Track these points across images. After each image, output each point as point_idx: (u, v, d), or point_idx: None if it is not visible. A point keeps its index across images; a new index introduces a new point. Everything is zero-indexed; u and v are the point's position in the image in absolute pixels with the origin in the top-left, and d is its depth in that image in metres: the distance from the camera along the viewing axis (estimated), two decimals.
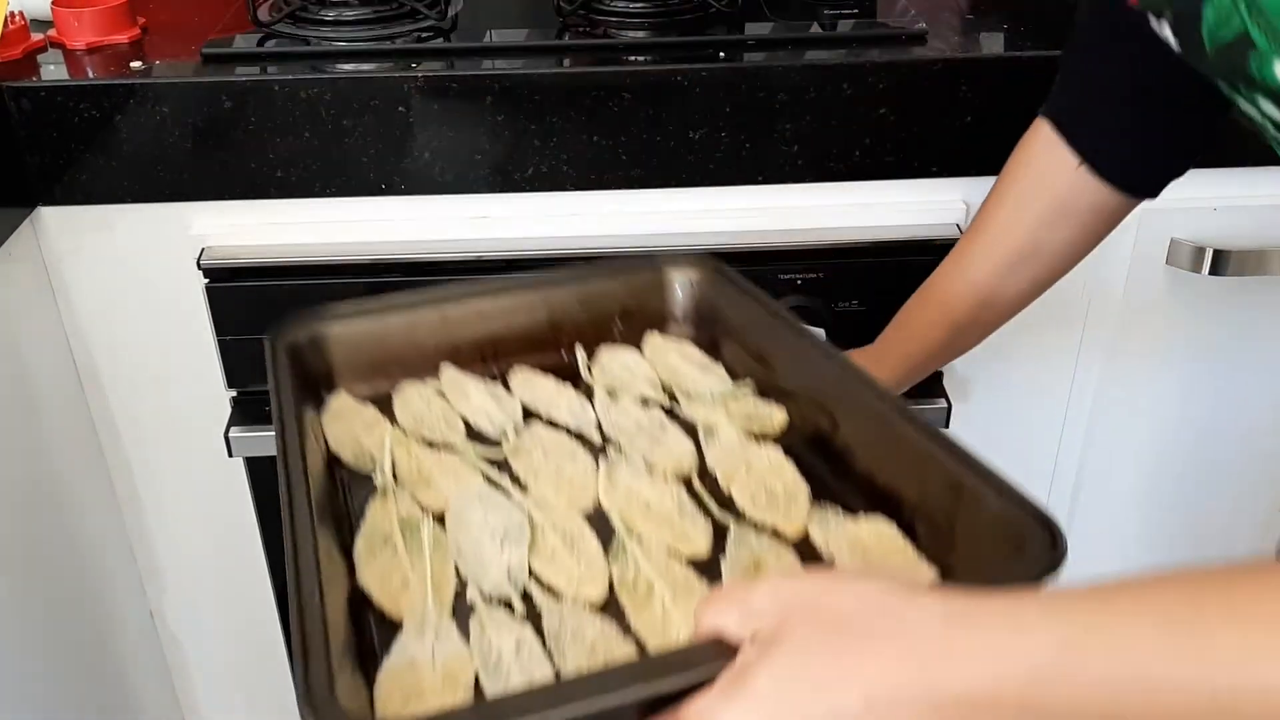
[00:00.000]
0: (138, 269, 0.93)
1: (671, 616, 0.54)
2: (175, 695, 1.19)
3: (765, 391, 0.70)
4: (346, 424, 0.69)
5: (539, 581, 0.58)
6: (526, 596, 0.57)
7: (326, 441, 0.68)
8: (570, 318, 0.77)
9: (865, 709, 0.38)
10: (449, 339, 0.75)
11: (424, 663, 0.53)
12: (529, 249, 0.92)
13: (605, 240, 0.92)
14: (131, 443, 1.02)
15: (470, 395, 0.72)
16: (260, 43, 0.91)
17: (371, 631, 0.56)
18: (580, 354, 0.76)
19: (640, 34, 0.94)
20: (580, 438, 0.68)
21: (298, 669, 0.47)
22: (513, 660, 0.53)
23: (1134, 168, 0.74)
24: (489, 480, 0.64)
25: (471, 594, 0.57)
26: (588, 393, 0.72)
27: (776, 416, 0.68)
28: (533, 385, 0.73)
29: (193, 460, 1.03)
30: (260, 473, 1.02)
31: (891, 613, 0.40)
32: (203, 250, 0.90)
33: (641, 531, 0.60)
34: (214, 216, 0.90)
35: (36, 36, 0.91)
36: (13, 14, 0.89)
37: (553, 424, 0.70)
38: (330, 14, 0.93)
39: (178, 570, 1.10)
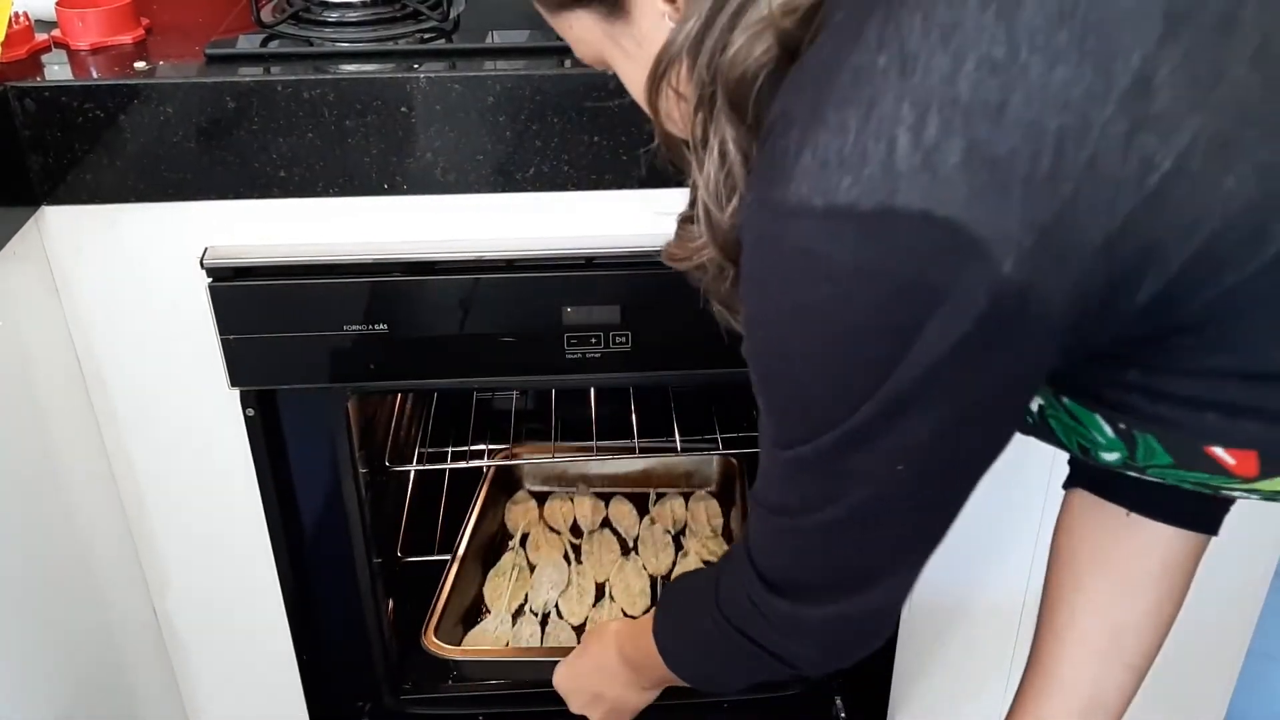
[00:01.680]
0: (141, 268, 0.93)
1: None
2: (179, 694, 1.19)
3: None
4: (519, 508, 1.41)
5: (558, 610, 1.25)
6: (546, 615, 1.24)
7: (504, 517, 1.40)
8: (656, 474, 1.43)
9: (589, 666, 0.93)
10: (584, 472, 1.44)
11: (488, 632, 1.22)
12: (530, 249, 0.92)
13: (606, 240, 0.93)
14: (135, 442, 1.02)
15: (585, 506, 1.40)
16: (263, 43, 0.92)
17: (479, 613, 1.26)
18: (652, 495, 1.41)
19: None
20: (622, 539, 1.35)
21: (433, 617, 1.18)
22: (525, 641, 1.21)
23: (1185, 504, 0.68)
24: (565, 556, 1.33)
25: (526, 607, 1.26)
26: (642, 511, 1.40)
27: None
28: (619, 507, 1.40)
29: (196, 459, 1.03)
30: (266, 473, 1.02)
31: (599, 641, 0.93)
32: (206, 250, 0.91)
33: (620, 602, 1.26)
34: (217, 216, 0.91)
35: (41, 37, 0.92)
36: (17, 14, 0.90)
37: (615, 531, 1.37)
38: (333, 15, 0.93)
39: (181, 569, 1.11)
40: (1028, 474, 1.10)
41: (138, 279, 0.94)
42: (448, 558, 1.29)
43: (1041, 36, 0.40)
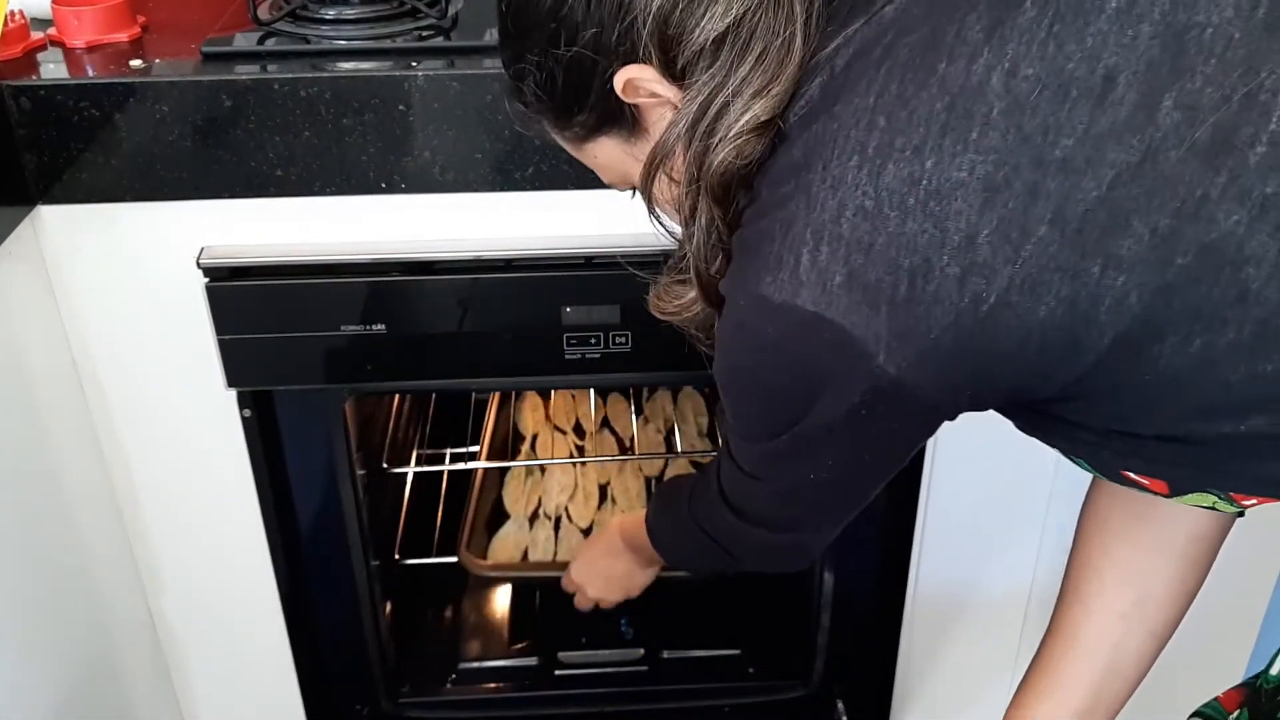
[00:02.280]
0: (137, 268, 0.93)
1: None
2: (174, 697, 1.19)
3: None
4: (528, 404, 1.53)
5: (567, 513, 1.38)
6: (559, 519, 1.37)
7: (515, 415, 1.52)
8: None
9: (599, 552, 1.12)
10: None
11: (510, 535, 1.34)
12: (529, 248, 0.92)
13: (606, 240, 0.92)
14: (131, 442, 1.02)
15: (586, 403, 1.54)
16: (260, 41, 0.91)
17: (503, 518, 1.37)
18: (645, 391, 1.55)
19: None
20: (620, 439, 1.49)
21: (465, 531, 1.30)
22: (541, 544, 1.34)
23: None
24: (571, 456, 1.45)
25: (540, 512, 1.38)
26: (638, 408, 1.53)
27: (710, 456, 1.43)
28: (616, 404, 1.54)
29: (193, 460, 1.03)
30: (263, 474, 1.02)
31: (603, 533, 1.11)
32: (202, 249, 0.90)
33: (620, 505, 1.40)
34: (214, 215, 0.90)
35: (36, 35, 0.91)
36: (13, 12, 0.89)
37: (613, 431, 1.50)
38: (330, 12, 0.93)
39: (177, 571, 1.10)
40: (1031, 479, 1.10)
41: (134, 279, 0.93)
42: (447, 560, 1.29)
43: (898, 197, 0.53)
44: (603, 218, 0.92)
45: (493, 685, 1.24)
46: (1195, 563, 0.74)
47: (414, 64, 0.86)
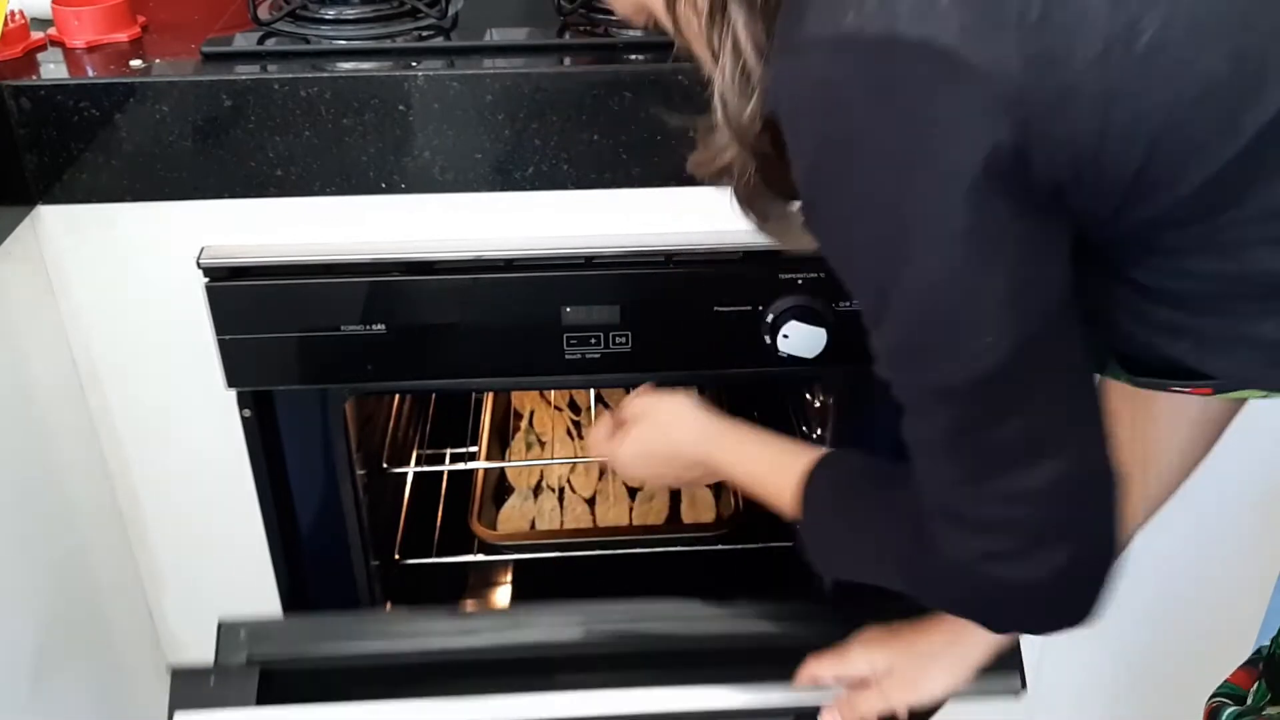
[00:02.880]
0: (138, 268, 0.93)
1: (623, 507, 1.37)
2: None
3: None
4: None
5: (569, 483, 1.40)
6: (563, 489, 1.39)
7: (510, 396, 1.52)
8: None
9: (655, 449, 0.89)
10: None
11: (516, 507, 1.36)
12: (529, 248, 0.92)
13: (606, 240, 0.92)
14: (131, 442, 1.02)
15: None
16: (260, 41, 0.91)
17: (505, 491, 1.39)
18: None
19: (640, 32, 0.94)
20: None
21: (475, 504, 1.32)
22: (547, 514, 1.35)
23: None
24: (568, 430, 1.48)
25: (543, 484, 1.40)
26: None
27: None
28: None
29: (193, 460, 1.03)
30: (264, 475, 1.02)
31: (667, 412, 0.89)
32: (202, 249, 0.90)
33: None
34: (214, 215, 0.90)
35: (36, 35, 0.91)
36: (13, 12, 0.89)
37: (607, 406, 1.45)
38: (330, 12, 0.93)
39: (177, 571, 1.10)
40: None
41: (134, 279, 0.93)
42: (447, 560, 1.29)
43: None
44: (602, 217, 0.92)
45: None
46: (1200, 436, 0.71)
47: (414, 64, 0.86)
